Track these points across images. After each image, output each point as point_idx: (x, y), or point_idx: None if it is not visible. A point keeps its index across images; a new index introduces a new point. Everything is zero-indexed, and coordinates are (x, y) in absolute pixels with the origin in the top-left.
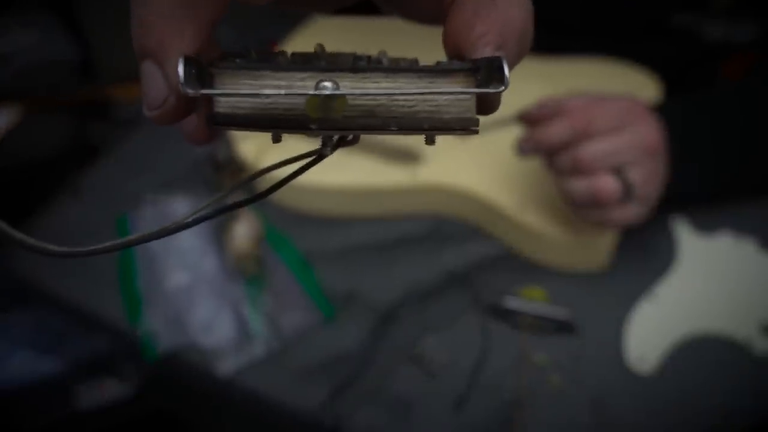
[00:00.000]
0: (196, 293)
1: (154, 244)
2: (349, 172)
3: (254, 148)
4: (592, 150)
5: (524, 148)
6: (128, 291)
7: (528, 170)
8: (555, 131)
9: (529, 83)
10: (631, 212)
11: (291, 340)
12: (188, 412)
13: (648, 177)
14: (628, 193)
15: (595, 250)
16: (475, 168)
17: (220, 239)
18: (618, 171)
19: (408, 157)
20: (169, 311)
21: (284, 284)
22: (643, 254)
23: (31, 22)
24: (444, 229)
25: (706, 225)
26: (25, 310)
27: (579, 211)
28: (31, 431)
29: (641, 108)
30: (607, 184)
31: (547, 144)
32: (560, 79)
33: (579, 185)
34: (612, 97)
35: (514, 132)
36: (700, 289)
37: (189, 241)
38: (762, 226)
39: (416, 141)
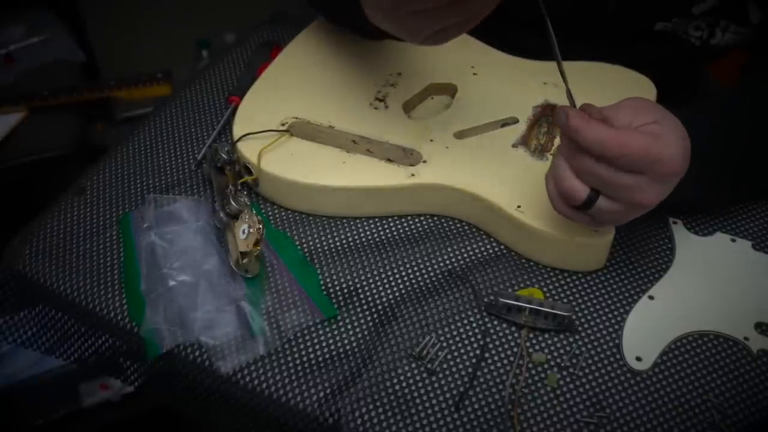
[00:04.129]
0: (198, 292)
1: (157, 245)
2: (349, 172)
3: (256, 148)
4: (596, 171)
5: (558, 118)
6: (131, 291)
7: (527, 170)
8: (587, 136)
9: (527, 85)
10: (577, 220)
11: (292, 338)
12: (189, 410)
13: (614, 214)
14: (584, 207)
15: (594, 250)
16: (474, 168)
17: (221, 239)
18: (595, 191)
19: (408, 156)
20: (171, 310)
21: (285, 283)
22: (641, 254)
23: (35, 24)
24: (444, 229)
25: (702, 225)
26: (30, 310)
27: (547, 187)
28: (36, 428)
29: (672, 173)
30: (572, 189)
31: (572, 138)
32: (557, 81)
33: (559, 170)
34: (669, 141)
35: (514, 132)
36: (697, 288)
37: (191, 241)
38: (757, 227)
39: (417, 141)
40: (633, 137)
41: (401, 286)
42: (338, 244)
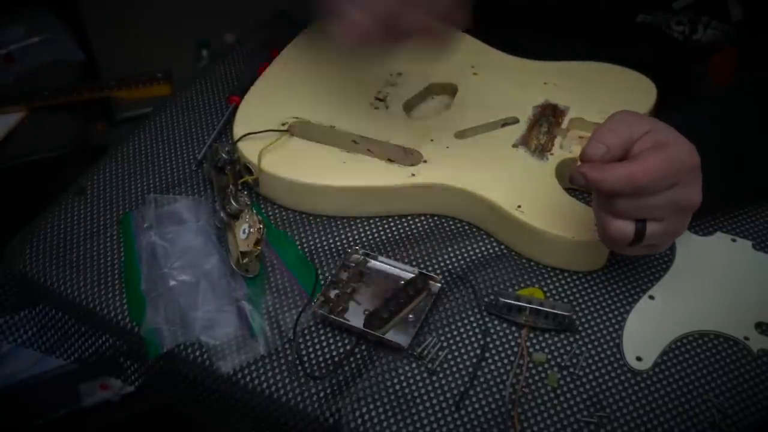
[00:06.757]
0: (198, 292)
1: (157, 245)
2: (349, 172)
3: (256, 148)
4: (628, 204)
5: (577, 181)
6: (131, 290)
7: (528, 170)
8: (614, 182)
9: (527, 85)
10: (635, 251)
11: (292, 338)
12: (190, 410)
13: (667, 231)
14: (637, 240)
15: (594, 250)
16: (475, 168)
17: (221, 239)
18: (640, 221)
19: (408, 156)
20: (172, 310)
21: (285, 283)
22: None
23: (35, 24)
24: (444, 229)
25: (702, 225)
26: (30, 310)
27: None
28: (36, 428)
29: (696, 160)
30: (619, 230)
31: (597, 189)
32: (557, 81)
33: (600, 217)
34: (677, 142)
35: (514, 131)
36: (697, 288)
37: (191, 240)
38: (757, 227)
39: (417, 141)
40: (651, 159)
41: None
42: (338, 244)
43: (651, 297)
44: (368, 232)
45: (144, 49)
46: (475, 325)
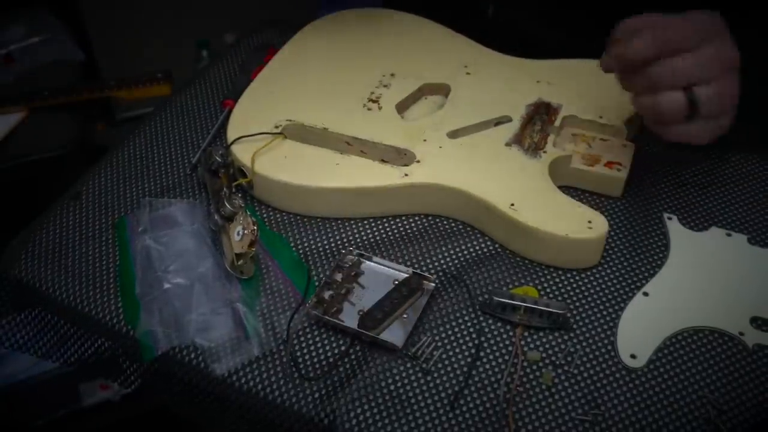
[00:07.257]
0: (193, 295)
1: (152, 248)
2: (343, 173)
3: (250, 151)
4: (665, 68)
5: (607, 64)
6: (126, 294)
7: (521, 168)
8: (637, 47)
9: (520, 83)
10: (698, 129)
11: (286, 339)
12: (186, 412)
13: (720, 93)
14: (692, 109)
15: (588, 247)
16: (468, 167)
17: (216, 241)
18: (687, 88)
19: (402, 157)
20: (166, 313)
21: (279, 285)
22: (635, 250)
23: (35, 24)
24: (438, 228)
25: (697, 220)
26: (26, 314)
27: (651, 128)
28: (36, 428)
29: (721, 23)
30: (670, 101)
31: (628, 60)
32: (550, 79)
33: (646, 101)
34: (692, 12)
35: (507, 130)
36: (692, 283)
37: (186, 244)
38: (752, 220)
39: (410, 141)
40: (673, 18)
41: None
42: (333, 245)
43: (645, 294)
44: (362, 233)
45: (144, 49)
46: (469, 324)
